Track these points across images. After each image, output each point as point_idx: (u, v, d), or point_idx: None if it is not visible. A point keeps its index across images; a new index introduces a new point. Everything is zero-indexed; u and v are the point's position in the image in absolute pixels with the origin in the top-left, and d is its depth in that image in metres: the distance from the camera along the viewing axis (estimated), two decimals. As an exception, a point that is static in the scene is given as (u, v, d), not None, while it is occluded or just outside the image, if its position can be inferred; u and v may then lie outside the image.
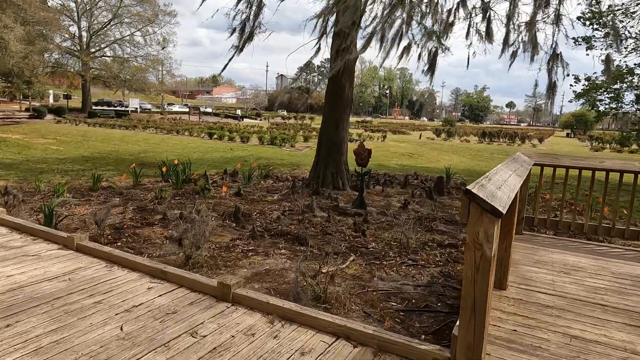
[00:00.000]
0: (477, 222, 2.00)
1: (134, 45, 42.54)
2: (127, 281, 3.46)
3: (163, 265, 3.57)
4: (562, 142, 38.74)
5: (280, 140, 19.44)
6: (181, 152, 16.81)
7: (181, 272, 3.49)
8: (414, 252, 5.86)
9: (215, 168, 13.26)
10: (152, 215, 7.07)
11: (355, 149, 8.46)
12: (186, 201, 8.34)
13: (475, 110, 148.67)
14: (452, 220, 7.91)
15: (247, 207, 8.03)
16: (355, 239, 6.36)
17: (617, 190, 4.96)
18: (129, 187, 9.67)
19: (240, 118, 53.64)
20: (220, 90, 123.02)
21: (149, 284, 3.42)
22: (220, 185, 9.92)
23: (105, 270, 3.67)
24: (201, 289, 3.38)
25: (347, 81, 9.73)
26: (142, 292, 3.30)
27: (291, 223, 7.01)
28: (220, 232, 6.37)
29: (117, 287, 3.36)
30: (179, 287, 3.41)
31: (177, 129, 24.86)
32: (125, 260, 3.74)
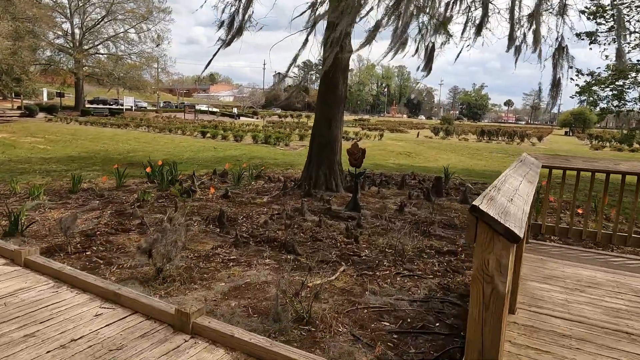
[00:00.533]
0: (486, 249, 1.55)
1: (127, 42, 41.95)
2: (74, 305, 2.98)
3: (117, 287, 3.08)
4: (560, 141, 38.39)
5: (275, 139, 18.96)
6: (172, 152, 16.33)
7: (136, 296, 3.01)
8: (410, 261, 5.41)
9: (205, 168, 12.79)
10: (130, 220, 6.60)
11: (348, 149, 8.01)
12: (170, 204, 7.87)
13: (473, 108, 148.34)
14: (451, 224, 7.46)
15: (234, 211, 7.57)
16: (347, 246, 5.91)
17: (635, 195, 4.51)
18: (111, 188, 9.20)
19: (236, 116, 53.11)
20: (217, 88, 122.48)
21: (98, 309, 2.95)
22: (208, 187, 9.45)
23: (50, 292, 3.20)
24: (158, 316, 2.92)
25: (341, 77, 9.27)
26: (87, 319, 2.83)
27: (279, 228, 6.55)
28: (201, 239, 5.91)
29: (60, 313, 2.89)
30: (132, 314, 2.94)
31: (170, 128, 24.35)
32: (76, 280, 3.27)
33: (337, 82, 9.22)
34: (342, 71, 9.29)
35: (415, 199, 9.40)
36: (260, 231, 6.39)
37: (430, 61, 10.21)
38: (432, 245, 6.16)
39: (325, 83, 9.22)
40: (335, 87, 9.18)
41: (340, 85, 9.25)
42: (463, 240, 6.54)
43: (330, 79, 9.11)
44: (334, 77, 9.17)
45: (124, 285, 4.12)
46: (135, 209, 6.93)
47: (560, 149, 28.99)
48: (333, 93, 9.19)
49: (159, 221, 6.43)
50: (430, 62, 10.21)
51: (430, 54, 10.13)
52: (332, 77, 9.12)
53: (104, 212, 6.97)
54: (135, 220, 6.59)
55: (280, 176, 11.66)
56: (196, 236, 6.03)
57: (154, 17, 40.86)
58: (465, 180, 12.82)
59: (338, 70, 9.18)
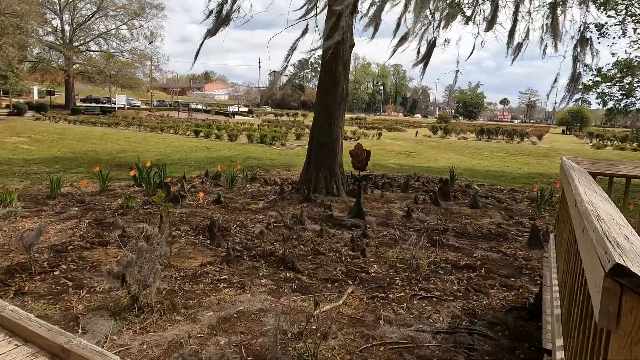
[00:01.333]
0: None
1: (119, 39, 41.02)
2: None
3: (66, 339, 2.32)
4: (560, 140, 37.96)
5: (271, 138, 18.27)
6: (163, 152, 15.61)
7: (90, 353, 2.26)
8: (425, 279, 4.78)
9: (197, 169, 12.09)
10: (110, 230, 5.91)
11: (351, 150, 7.36)
12: (156, 211, 7.18)
13: (469, 107, 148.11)
14: (464, 233, 6.84)
15: (226, 218, 6.90)
16: (354, 261, 5.26)
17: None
18: (94, 193, 8.50)
19: (231, 115, 52.30)
20: (212, 87, 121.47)
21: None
22: (199, 191, 8.76)
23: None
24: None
25: (342, 73, 8.62)
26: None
27: (276, 239, 5.89)
28: (189, 253, 5.24)
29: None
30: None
31: (162, 127, 23.56)
32: (17, 327, 2.56)
33: (338, 78, 8.56)
34: (344, 66, 8.64)
35: (422, 203, 8.77)
36: (255, 243, 5.73)
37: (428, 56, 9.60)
38: (447, 258, 5.53)
39: (325, 79, 8.56)
40: (336, 84, 8.52)
41: (341, 81, 8.60)
42: (480, 251, 5.92)
43: (330, 74, 8.46)
44: (335, 72, 8.52)
45: (93, 316, 3.46)
46: (116, 218, 6.24)
47: (562, 148, 28.50)
48: (334, 90, 8.53)
49: (142, 232, 5.74)
50: (427, 57, 9.60)
51: (430, 50, 9.52)
52: (333, 72, 8.46)
53: (81, 221, 6.27)
54: (116, 230, 5.90)
55: (277, 178, 11.00)
56: (183, 249, 5.37)
57: (146, 14, 39.98)
58: (470, 181, 12.19)
59: (339, 65, 8.53)
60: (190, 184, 9.57)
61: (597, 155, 25.74)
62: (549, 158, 24.02)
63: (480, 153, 24.72)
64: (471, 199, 8.84)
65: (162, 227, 5.70)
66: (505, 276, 5.08)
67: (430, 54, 9.53)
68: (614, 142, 30.46)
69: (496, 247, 6.18)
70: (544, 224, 7.69)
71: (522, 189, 11.94)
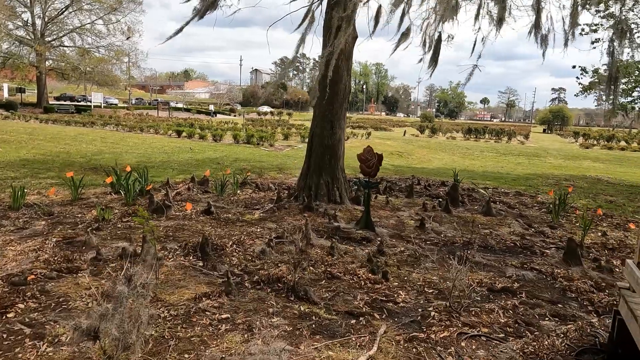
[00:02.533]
0: None
1: (95, 34, 39.19)
2: None
3: None
4: (545, 139, 38.07)
5: (258, 138, 17.33)
6: (143, 153, 14.52)
7: None
8: (465, 309, 4.02)
9: (182, 173, 11.12)
10: (82, 252, 4.97)
11: (360, 154, 6.57)
12: (138, 225, 6.25)
13: (450, 106, 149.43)
14: (487, 246, 6.14)
15: (220, 233, 6.02)
16: (376, 286, 4.47)
17: None
18: (65, 202, 7.48)
19: (213, 114, 50.94)
20: (192, 85, 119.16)
21: None
22: (186, 199, 7.84)
23: None
24: None
25: (345, 68, 7.83)
26: None
27: (281, 260, 5.05)
28: (179, 280, 4.36)
29: None
30: None
31: (142, 126, 22.28)
32: None
33: (341, 73, 7.76)
34: (346, 60, 7.85)
35: (431, 210, 8.05)
36: (256, 265, 4.88)
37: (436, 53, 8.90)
38: (480, 280, 4.79)
39: (326, 75, 7.73)
40: (338, 81, 7.72)
41: (343, 77, 7.81)
42: (512, 269, 5.21)
43: (332, 70, 7.63)
44: (337, 67, 7.69)
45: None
46: (89, 236, 5.29)
47: (550, 147, 28.39)
48: (335, 86, 7.72)
49: (122, 253, 4.82)
50: (436, 54, 8.89)
51: (437, 46, 8.81)
52: (335, 67, 7.64)
53: (47, 240, 5.29)
54: (89, 251, 4.96)
55: (270, 183, 10.13)
56: (171, 275, 4.48)
57: (123, 8, 38.29)
58: (476, 184, 11.55)
59: (341, 59, 7.72)
60: (175, 191, 8.62)
61: (587, 154, 25.70)
62: (539, 158, 23.78)
63: (471, 153, 24.32)
64: (484, 205, 8.17)
65: (145, 247, 4.80)
66: (551, 302, 4.38)
67: (439, 51, 8.84)
68: (600, 142, 30.62)
69: (527, 263, 5.49)
70: (567, 233, 7.07)
71: (526, 191, 11.39)
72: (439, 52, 8.95)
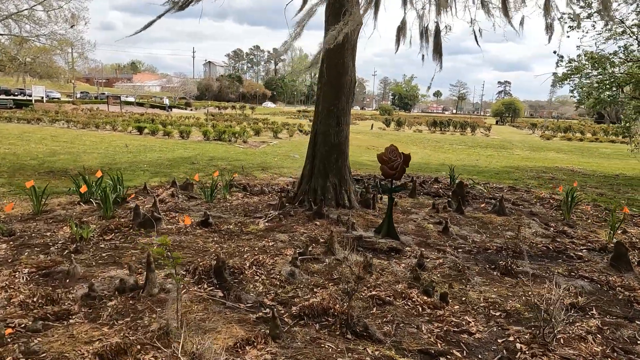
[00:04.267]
0: None
1: (34, 22, 35.60)
2: None
3: None
4: (504, 131, 39.24)
5: (231, 134, 16.20)
6: (104, 153, 13.05)
7: None
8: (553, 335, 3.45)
9: (156, 176, 9.94)
10: (67, 287, 3.94)
11: (382, 154, 5.89)
12: (125, 243, 5.23)
13: (404, 99, 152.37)
14: (522, 251, 5.65)
15: (228, 250, 5.15)
16: (437, 312, 3.82)
17: None
18: (26, 217, 6.25)
19: (168, 108, 48.40)
20: (141, 77, 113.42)
21: None
22: (172, 208, 6.82)
23: None
24: None
25: (350, 58, 7.09)
26: None
27: (315, 283, 4.28)
28: (202, 320, 3.49)
29: None
30: None
31: (97, 123, 20.31)
32: None
33: (347, 65, 7.02)
34: (351, 50, 7.11)
35: (443, 211, 7.54)
36: (288, 291, 4.09)
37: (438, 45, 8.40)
38: (545, 297, 4.26)
39: (332, 67, 6.98)
40: (343, 72, 6.97)
41: (349, 68, 7.07)
42: (562, 278, 4.75)
43: (338, 60, 6.89)
44: (341, 58, 6.96)
45: None
46: (74, 264, 4.24)
47: (512, 139, 29.13)
48: (341, 78, 6.98)
49: (120, 286, 3.85)
50: (438, 46, 8.40)
51: (437, 37, 8.32)
52: (341, 57, 6.90)
53: (16, 273, 4.19)
54: (76, 286, 3.95)
55: (259, 184, 9.23)
56: (190, 312, 3.59)
57: (66, -7, 34.94)
58: (475, 181, 11.21)
59: (346, 50, 6.99)
60: (154, 195, 7.55)
61: (549, 146, 26.57)
62: (507, 150, 24.25)
63: (441, 146, 24.39)
64: (496, 204, 7.76)
65: (151, 277, 3.87)
66: (627, 318, 3.94)
67: (440, 42, 8.33)
68: (557, 133, 31.88)
69: (574, 270, 5.07)
70: (588, 233, 6.78)
71: (517, 186, 11.22)
72: (440, 44, 8.45)
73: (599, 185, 12.39)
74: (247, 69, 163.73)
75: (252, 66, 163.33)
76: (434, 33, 8.40)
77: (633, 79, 13.31)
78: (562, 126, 33.91)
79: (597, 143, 27.56)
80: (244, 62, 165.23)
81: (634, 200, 10.20)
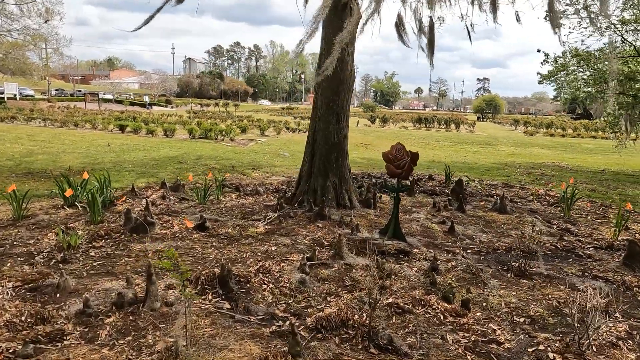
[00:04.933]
0: None
1: (6, 16, 34.13)
2: None
3: None
4: (487, 127, 39.66)
5: (217, 132, 15.75)
6: (86, 153, 12.48)
7: None
8: (584, 341, 3.28)
9: (143, 176, 9.51)
10: (57, 302, 3.58)
11: (388, 153, 5.66)
12: (117, 251, 4.88)
13: (386, 95, 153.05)
14: (532, 251, 5.51)
15: (229, 256, 4.85)
16: (460, 320, 3.61)
17: None
18: (7, 223, 5.82)
19: (148, 106, 47.26)
20: (119, 74, 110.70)
21: None
22: (165, 211, 6.46)
23: None
24: None
25: (349, 52, 6.83)
26: None
27: (327, 291, 4.03)
28: (212, 337, 3.19)
29: None
30: None
31: (75, 121, 19.50)
32: None
33: (346, 59, 6.77)
34: (351, 44, 6.86)
35: (444, 210, 7.37)
36: (300, 300, 3.82)
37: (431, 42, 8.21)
38: (559, 297, 4.11)
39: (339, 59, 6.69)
40: (343, 67, 6.72)
41: (349, 62, 6.83)
42: (576, 279, 4.61)
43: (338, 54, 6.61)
44: (342, 51, 6.68)
45: None
46: (64, 277, 3.87)
47: (498, 135, 29.40)
48: (340, 73, 6.71)
49: (117, 300, 3.52)
50: (432, 43, 8.21)
51: (431, 33, 8.14)
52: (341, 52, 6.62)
53: (0, 287, 3.80)
54: (69, 301, 3.59)
55: (252, 183, 8.91)
56: (198, 328, 3.29)
57: (39, -14, 33.61)
58: (470, 178, 11.10)
59: (346, 44, 6.71)
60: (141, 195, 7.16)
61: (533, 142, 26.91)
62: (492, 146, 24.41)
63: (428, 143, 24.41)
64: (497, 202, 7.65)
65: (152, 289, 3.55)
66: (650, 320, 3.81)
67: (433, 39, 8.13)
68: (540, 129, 32.36)
69: (587, 270, 4.95)
70: (592, 230, 6.71)
71: (510, 182, 11.18)
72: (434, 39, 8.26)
73: (589, 180, 12.47)
74: (227, 66, 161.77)
75: (232, 63, 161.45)
76: (428, 28, 8.21)
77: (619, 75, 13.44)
78: (545, 122, 34.51)
79: (578, 139, 28.07)
80: (225, 58, 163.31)
81: (625, 195, 10.26)
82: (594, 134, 29.36)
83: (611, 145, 23.87)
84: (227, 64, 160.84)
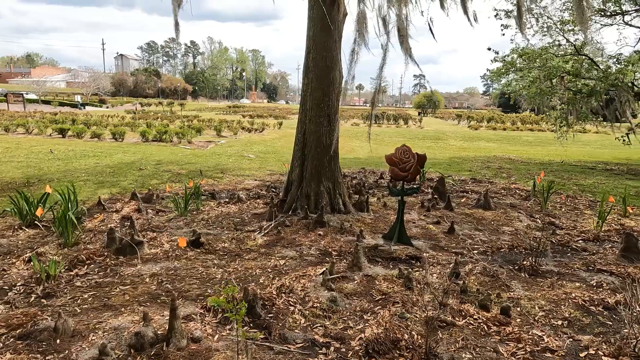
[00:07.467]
0: None
1: None
2: None
3: None
4: (432, 122, 41.15)
5: (172, 135, 14.76)
6: (26, 162, 11.15)
7: None
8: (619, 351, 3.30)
9: (101, 186, 8.62)
10: (59, 351, 3.01)
11: (392, 155, 5.49)
12: (107, 278, 4.28)
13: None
14: (532, 248, 5.59)
15: (237, 275, 4.43)
16: (505, 329, 3.51)
17: None
18: (-45, 251, 4.91)
19: (81, 106, 43.82)
20: (41, 72, 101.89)
21: None
22: (146, 227, 5.83)
23: None
24: None
25: (338, 51, 6.57)
26: None
27: (360, 307, 3.76)
28: (259, 376, 2.81)
29: None
30: None
31: (5, 125, 17.38)
32: None
33: (335, 58, 6.50)
34: (339, 42, 6.59)
35: (433, 209, 7.36)
36: (336, 322, 3.53)
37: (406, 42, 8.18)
38: (582, 295, 4.16)
39: (317, 58, 6.41)
40: (333, 66, 6.44)
41: (338, 63, 6.55)
42: (585, 274, 4.73)
43: (325, 53, 6.35)
44: (330, 50, 6.43)
45: None
46: (63, 318, 3.26)
47: (446, 130, 30.53)
48: (329, 72, 6.44)
49: (136, 342, 3.01)
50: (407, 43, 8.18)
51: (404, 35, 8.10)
52: (327, 49, 6.37)
53: (-22, 336, 3.13)
54: (73, 348, 3.02)
55: (224, 189, 8.38)
56: (236, 366, 2.89)
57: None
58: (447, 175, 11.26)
59: (334, 41, 6.46)
60: (110, 209, 6.45)
61: (479, 135, 28.24)
62: (443, 141, 25.28)
63: (381, 139, 24.73)
64: (480, 199, 7.78)
65: (176, 324, 3.08)
66: (669, 312, 3.95)
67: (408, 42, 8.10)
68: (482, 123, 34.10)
69: (590, 264, 5.09)
70: (575, 223, 6.99)
71: (476, 176, 11.53)
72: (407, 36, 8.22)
73: (543, 172, 13.20)
74: (163, 63, 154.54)
75: (168, 59, 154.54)
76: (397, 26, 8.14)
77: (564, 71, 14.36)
78: (487, 117, 36.51)
79: (518, 132, 29.92)
80: (159, 55, 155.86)
81: (581, 185, 10.94)
82: (530, 127, 31.47)
83: (548, 137, 25.67)
84: (162, 60, 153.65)
